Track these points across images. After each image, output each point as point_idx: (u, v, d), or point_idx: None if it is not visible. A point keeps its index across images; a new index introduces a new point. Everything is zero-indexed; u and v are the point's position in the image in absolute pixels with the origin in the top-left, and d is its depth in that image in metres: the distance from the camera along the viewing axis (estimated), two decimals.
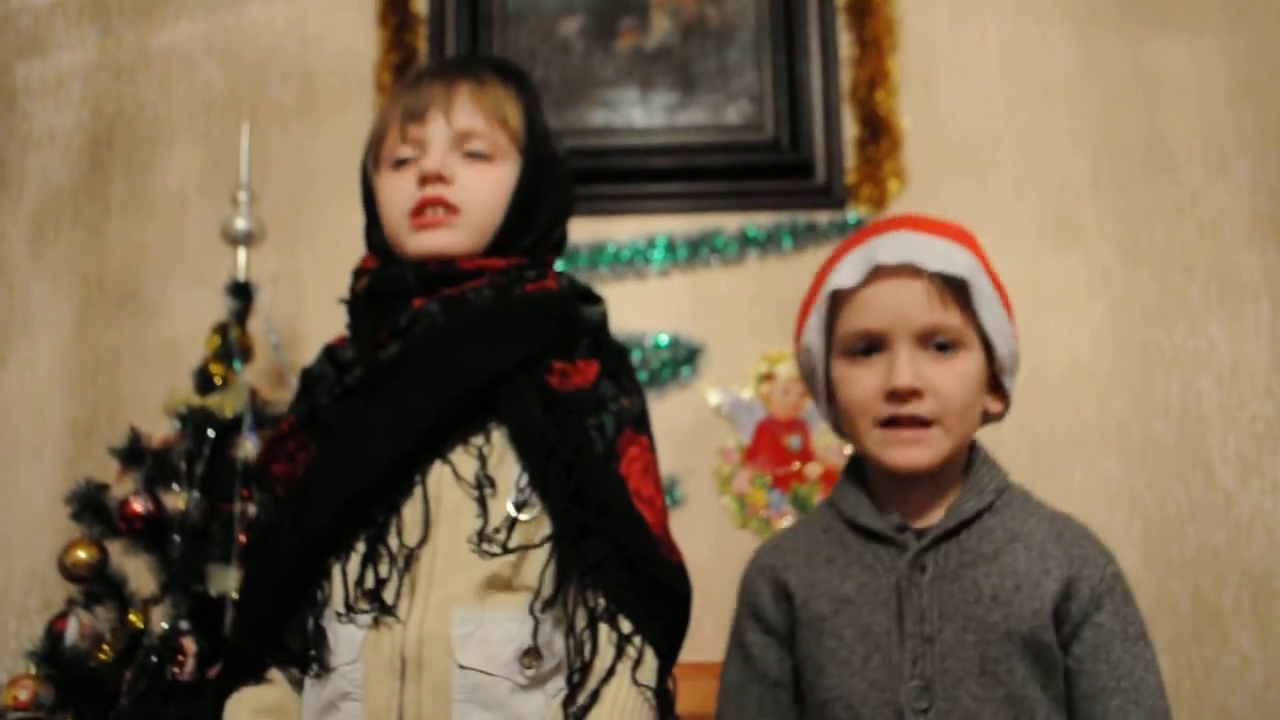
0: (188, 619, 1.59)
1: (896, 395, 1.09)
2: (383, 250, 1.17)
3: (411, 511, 1.05)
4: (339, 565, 1.05)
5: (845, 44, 2.31)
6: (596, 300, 1.19)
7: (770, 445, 2.20)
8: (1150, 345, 2.22)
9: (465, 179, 1.13)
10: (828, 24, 2.29)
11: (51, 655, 1.58)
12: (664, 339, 2.23)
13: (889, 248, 1.11)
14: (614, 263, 2.23)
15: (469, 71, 1.17)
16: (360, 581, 1.03)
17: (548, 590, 1.02)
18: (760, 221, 2.26)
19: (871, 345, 1.12)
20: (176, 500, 1.71)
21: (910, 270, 1.10)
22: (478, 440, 1.07)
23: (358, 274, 1.19)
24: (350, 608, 1.03)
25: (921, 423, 1.10)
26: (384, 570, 1.03)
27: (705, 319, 2.25)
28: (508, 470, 1.07)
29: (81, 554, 1.65)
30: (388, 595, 1.02)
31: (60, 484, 2.25)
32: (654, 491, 1.11)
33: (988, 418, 1.19)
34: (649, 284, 2.26)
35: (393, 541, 1.04)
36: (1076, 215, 2.25)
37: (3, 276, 2.35)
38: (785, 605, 1.16)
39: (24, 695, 1.52)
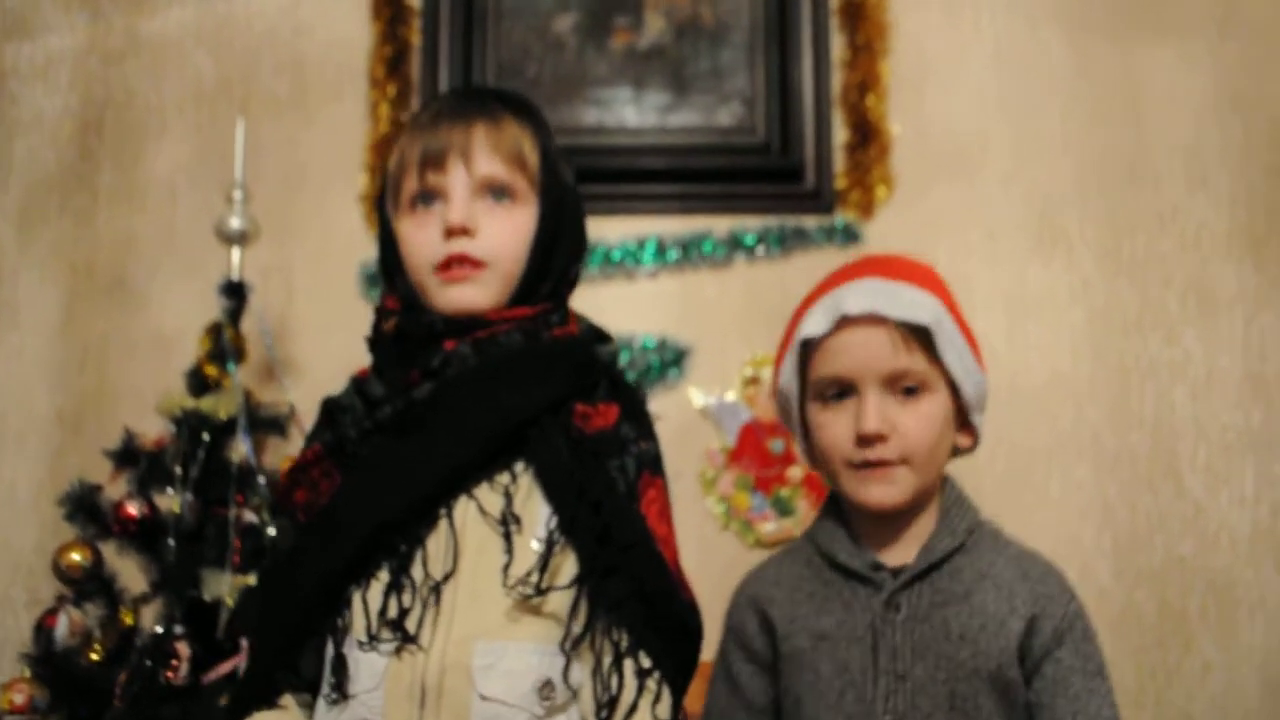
0: (181, 623, 1.61)
1: (864, 440, 1.15)
2: (405, 294, 1.18)
3: (435, 544, 1.08)
4: (360, 593, 1.08)
5: (837, 46, 2.32)
6: (608, 340, 1.22)
7: (754, 448, 2.23)
8: (1127, 354, 2.26)
9: (489, 229, 1.14)
10: (820, 27, 2.30)
11: (45, 657, 1.60)
12: (652, 340, 2.25)
13: (855, 297, 1.16)
14: (604, 263, 2.25)
15: (484, 110, 1.18)
16: (384, 611, 1.06)
17: (576, 627, 1.06)
18: (749, 225, 2.28)
19: (842, 390, 1.18)
20: (170, 502, 1.72)
21: (875, 319, 1.15)
22: (504, 478, 1.10)
23: (382, 313, 1.19)
24: (373, 636, 1.06)
25: (887, 462, 1.15)
26: (407, 600, 1.06)
27: (693, 321, 2.28)
28: (533, 508, 1.10)
29: (76, 556, 1.67)
30: (410, 625, 1.05)
31: (46, 474, 2.28)
32: (668, 532, 1.14)
33: (957, 452, 1.25)
34: (638, 285, 2.28)
35: (416, 573, 1.07)
36: (1060, 223, 2.29)
37: None
38: (768, 638, 1.22)
39: (19, 699, 1.54)
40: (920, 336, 1.16)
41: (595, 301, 1.30)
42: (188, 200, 2.35)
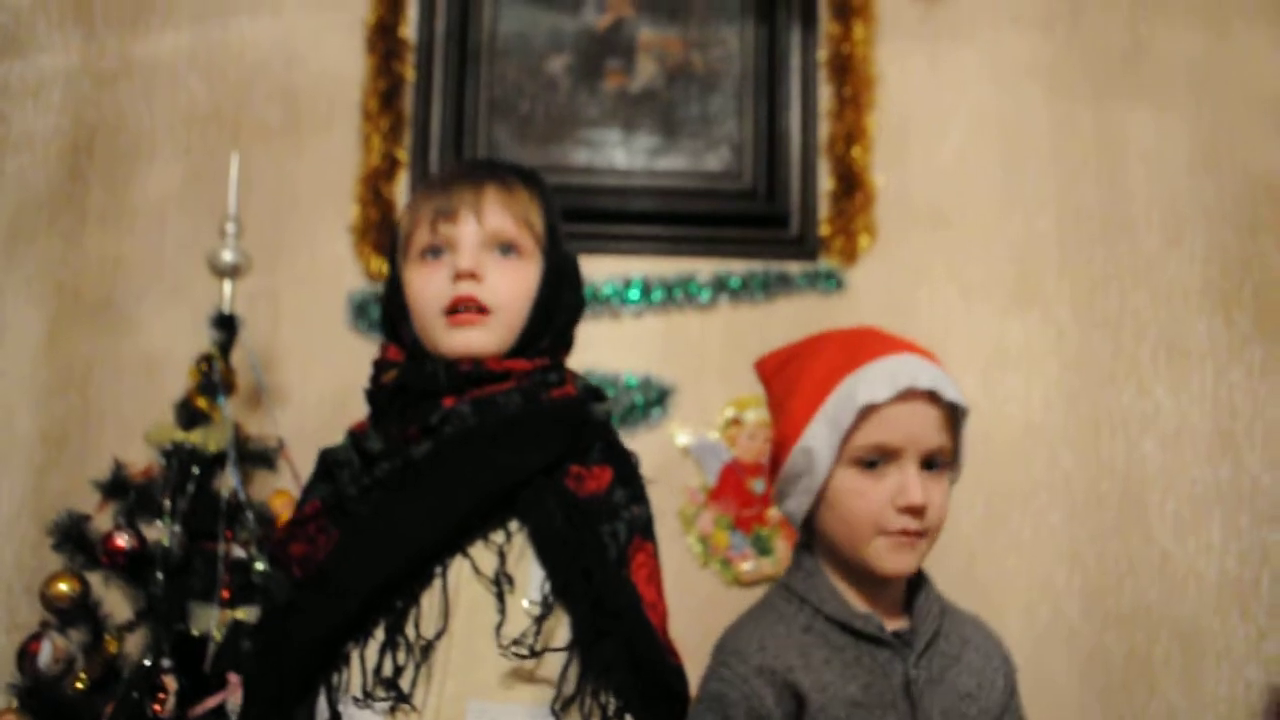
0: (168, 656, 1.62)
1: (910, 510, 1.17)
2: (410, 343, 1.21)
3: (430, 602, 1.11)
4: (357, 650, 1.10)
5: (825, 97, 2.37)
6: (603, 398, 1.25)
7: (734, 487, 2.27)
8: (1099, 406, 2.31)
9: (496, 278, 1.18)
10: (809, 78, 2.35)
11: (33, 688, 1.60)
12: (635, 379, 2.28)
13: (918, 371, 1.18)
14: (591, 301, 2.28)
15: (495, 175, 1.23)
16: (379, 669, 1.08)
17: (568, 689, 1.08)
18: (734, 268, 2.32)
19: (881, 457, 1.18)
20: (158, 533, 1.73)
21: (931, 395, 1.18)
22: (498, 537, 1.13)
23: (381, 365, 1.22)
24: (368, 694, 1.08)
25: (922, 534, 1.19)
26: (401, 658, 1.08)
27: (676, 361, 2.31)
28: (525, 568, 1.13)
29: (64, 587, 1.67)
30: (404, 683, 1.08)
31: (28, 493, 2.27)
32: (657, 597, 1.18)
33: None
34: (624, 324, 2.31)
35: (410, 631, 1.09)
36: (1037, 276, 2.34)
37: None
38: (792, 707, 1.17)
39: None
40: (953, 419, 1.20)
41: (581, 339, 1.32)
42: (177, 225, 2.35)
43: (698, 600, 2.21)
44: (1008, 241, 2.35)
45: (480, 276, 1.18)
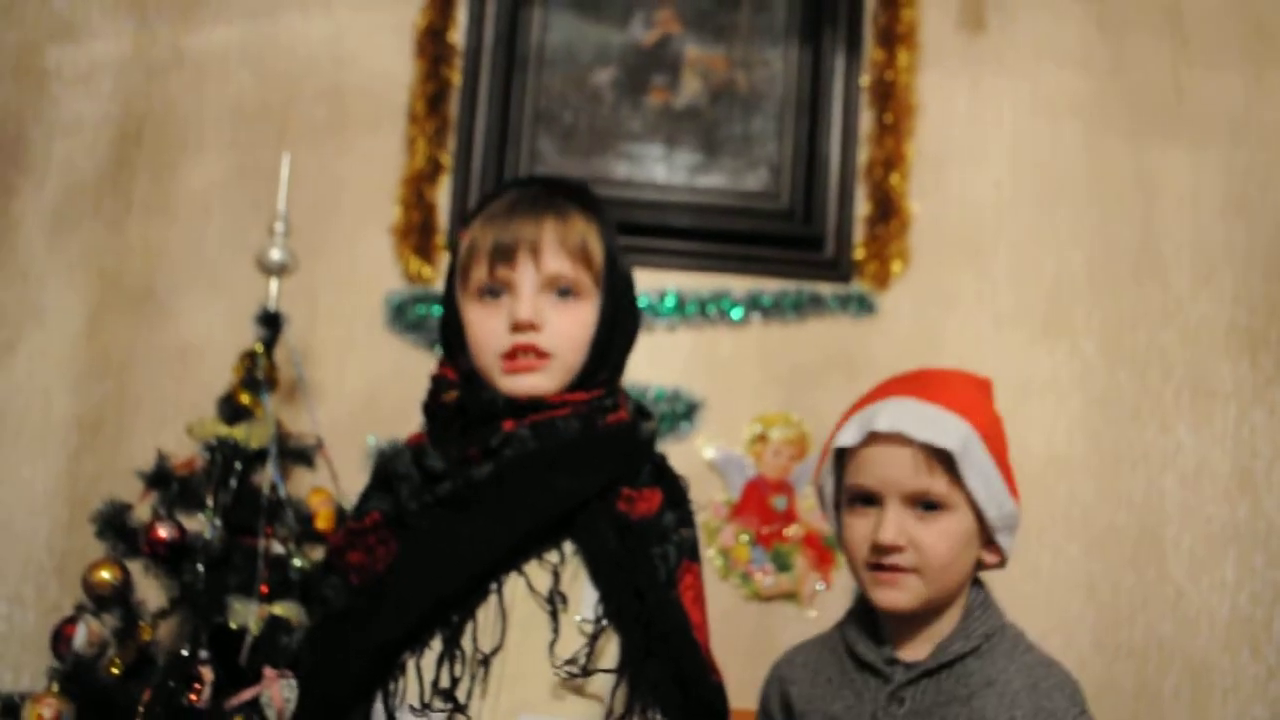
0: (206, 647, 1.66)
1: (879, 548, 1.22)
2: (466, 372, 1.24)
3: (485, 617, 1.14)
4: (413, 660, 1.14)
5: (865, 122, 2.40)
6: (650, 416, 1.28)
7: (757, 503, 2.30)
8: (1121, 441, 2.34)
9: (555, 323, 1.20)
10: (851, 102, 2.38)
11: (72, 673, 1.64)
12: (664, 391, 2.31)
13: (886, 415, 1.23)
14: None
15: (553, 207, 1.24)
16: (436, 681, 1.12)
17: (618, 707, 1.12)
18: (768, 287, 2.35)
19: (868, 499, 1.25)
20: (198, 525, 1.76)
21: (899, 438, 1.21)
22: (552, 557, 1.17)
23: (440, 382, 1.25)
24: (426, 705, 1.12)
25: (898, 569, 1.22)
26: (458, 670, 1.12)
27: (706, 376, 2.34)
28: (578, 588, 1.16)
29: (105, 574, 1.71)
30: (460, 695, 1.11)
31: (63, 475, 2.31)
32: (702, 618, 1.21)
33: (982, 566, 1.30)
34: (656, 336, 2.34)
35: (467, 644, 1.13)
36: (1067, 311, 2.37)
37: (17, 263, 2.37)
38: (785, 715, 1.32)
39: (48, 713, 1.58)
40: (944, 459, 1.21)
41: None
42: (220, 218, 2.39)
43: (716, 612, 2.18)
44: (1039, 274, 2.38)
45: (539, 326, 1.19)
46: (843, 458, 1.28)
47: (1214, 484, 2.33)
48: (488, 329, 1.21)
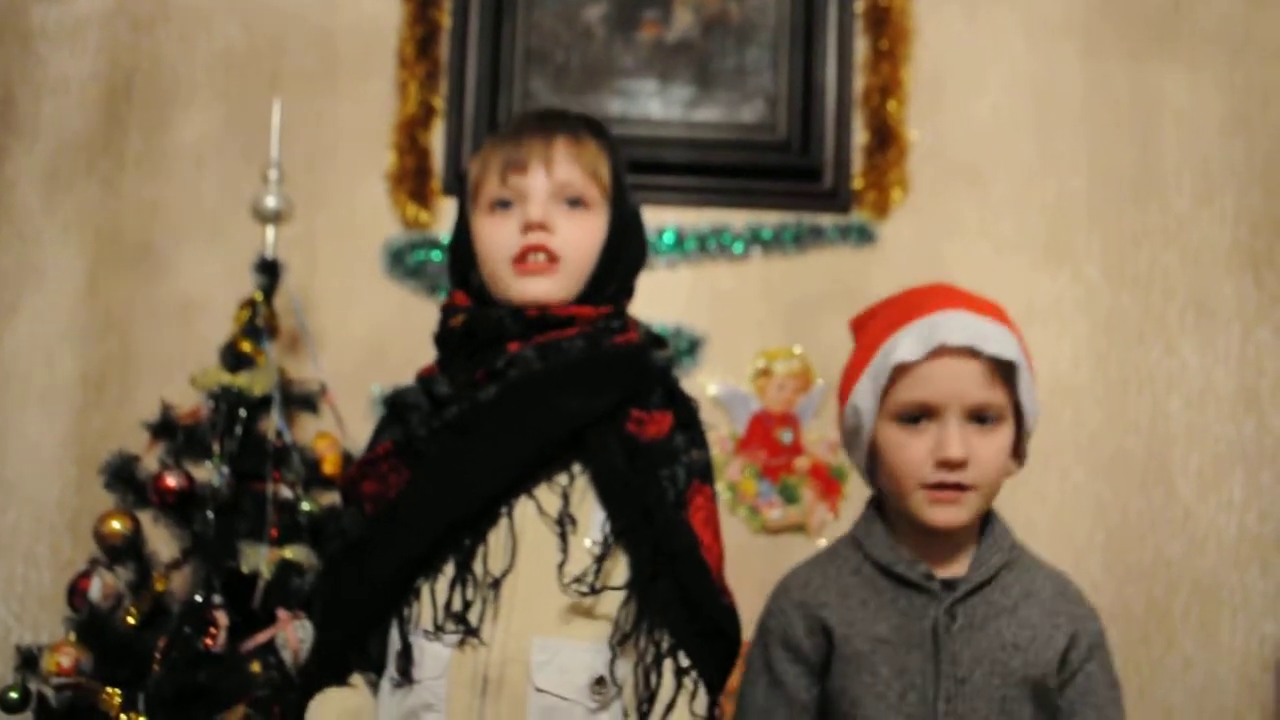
0: (219, 593, 1.67)
1: (947, 464, 1.20)
2: (477, 289, 1.24)
3: (497, 540, 1.15)
4: (427, 585, 1.15)
5: (861, 50, 2.37)
6: (664, 345, 1.28)
7: (762, 437, 2.30)
8: (1127, 364, 2.34)
9: (565, 228, 1.21)
10: (845, 30, 2.35)
11: (89, 622, 1.65)
12: (667, 328, 2.30)
13: (953, 328, 1.21)
14: None
15: (565, 126, 1.25)
16: (448, 604, 1.13)
17: (625, 627, 1.13)
18: (767, 220, 2.34)
19: (923, 414, 1.22)
20: (206, 474, 1.77)
21: (969, 351, 1.20)
22: (562, 479, 1.17)
23: (450, 310, 1.25)
24: (439, 628, 1.13)
25: (961, 486, 1.21)
26: (470, 594, 1.13)
27: (708, 312, 2.34)
28: (588, 509, 1.17)
29: (116, 525, 1.72)
30: (472, 618, 1.12)
31: (69, 434, 2.32)
32: (713, 539, 1.22)
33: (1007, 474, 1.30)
34: (656, 274, 2.33)
35: (478, 568, 1.14)
36: (1068, 235, 2.36)
37: (14, 225, 2.36)
38: (820, 640, 1.27)
39: (66, 662, 1.60)
40: (1003, 371, 1.21)
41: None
42: (215, 169, 2.37)
43: (725, 547, 2.25)
44: (1039, 199, 2.36)
45: (550, 227, 1.20)
46: (894, 376, 1.24)
47: (1219, 404, 2.33)
48: (499, 238, 1.22)
